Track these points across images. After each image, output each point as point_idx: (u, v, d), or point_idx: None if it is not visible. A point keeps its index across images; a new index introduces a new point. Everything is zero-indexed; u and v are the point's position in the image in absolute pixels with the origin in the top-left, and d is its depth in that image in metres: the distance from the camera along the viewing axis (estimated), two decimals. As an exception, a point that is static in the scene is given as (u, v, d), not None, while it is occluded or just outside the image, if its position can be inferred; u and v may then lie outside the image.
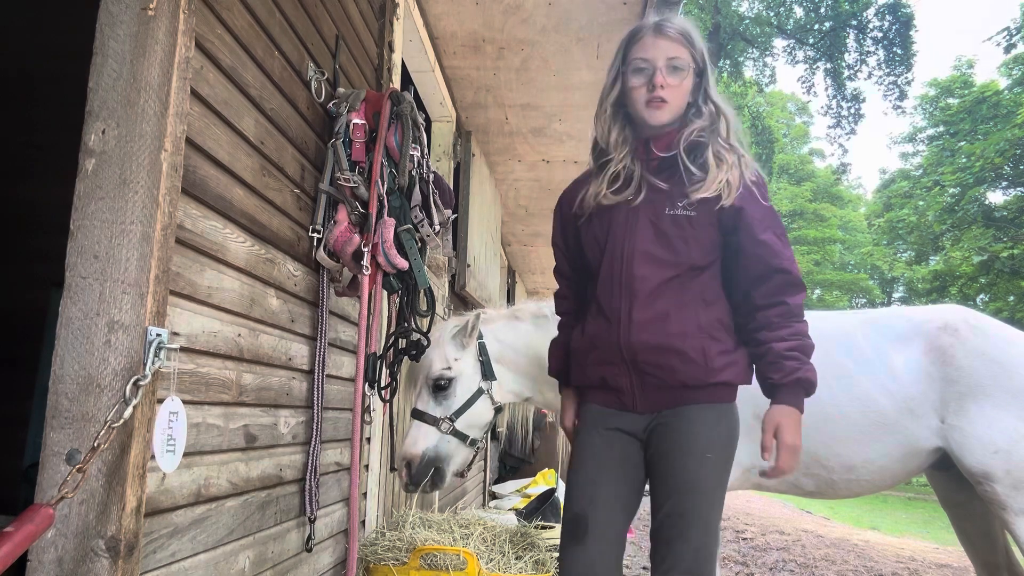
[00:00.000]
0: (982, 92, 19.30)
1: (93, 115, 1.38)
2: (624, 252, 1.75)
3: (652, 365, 1.70)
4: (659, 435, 1.73)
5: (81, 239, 1.35)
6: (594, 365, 1.78)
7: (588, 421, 1.82)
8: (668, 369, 1.70)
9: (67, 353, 1.31)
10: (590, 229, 1.82)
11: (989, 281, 18.07)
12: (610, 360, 1.74)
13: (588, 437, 1.79)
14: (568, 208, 1.91)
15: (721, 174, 1.70)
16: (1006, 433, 2.35)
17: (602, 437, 1.77)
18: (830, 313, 2.94)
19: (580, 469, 1.77)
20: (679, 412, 1.73)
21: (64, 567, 1.25)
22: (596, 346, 1.77)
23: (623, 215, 1.77)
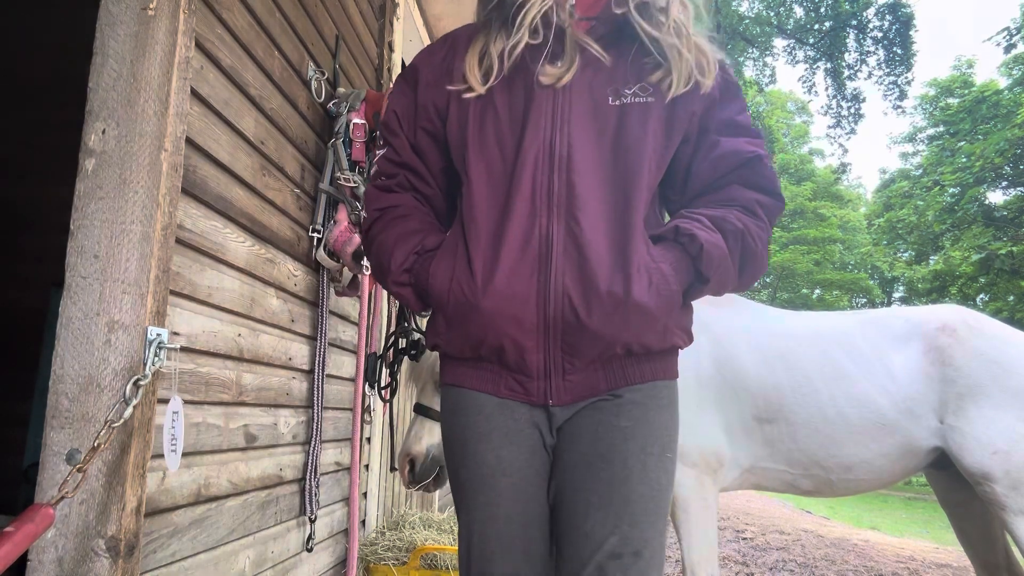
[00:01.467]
0: (982, 92, 19.29)
1: (93, 115, 1.38)
2: (558, 156, 1.12)
3: (597, 329, 1.09)
4: (590, 432, 1.13)
5: (81, 239, 1.35)
6: (481, 328, 1.10)
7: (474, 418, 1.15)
8: (620, 333, 1.10)
9: (67, 353, 1.32)
10: (486, 114, 1.16)
11: (989, 281, 18.06)
12: (519, 322, 1.09)
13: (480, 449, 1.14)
14: (432, 76, 1.22)
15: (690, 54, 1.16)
16: (1005, 434, 2.36)
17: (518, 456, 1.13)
18: (829, 313, 2.95)
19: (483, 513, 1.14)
20: (625, 396, 1.14)
21: (64, 567, 1.25)
22: (492, 298, 1.09)
23: (548, 99, 1.14)
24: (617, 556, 1.07)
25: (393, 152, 1.26)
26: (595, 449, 1.12)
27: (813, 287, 28.50)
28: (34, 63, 3.50)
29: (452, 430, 1.19)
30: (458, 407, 1.18)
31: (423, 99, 1.24)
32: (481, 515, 1.13)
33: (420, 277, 1.17)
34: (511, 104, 1.16)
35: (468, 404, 1.16)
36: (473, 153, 1.16)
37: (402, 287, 1.19)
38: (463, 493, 1.17)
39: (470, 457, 1.14)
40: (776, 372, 2.58)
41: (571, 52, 1.15)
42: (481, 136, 1.17)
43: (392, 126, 1.27)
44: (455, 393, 1.19)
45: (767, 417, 2.56)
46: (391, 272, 1.19)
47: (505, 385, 1.14)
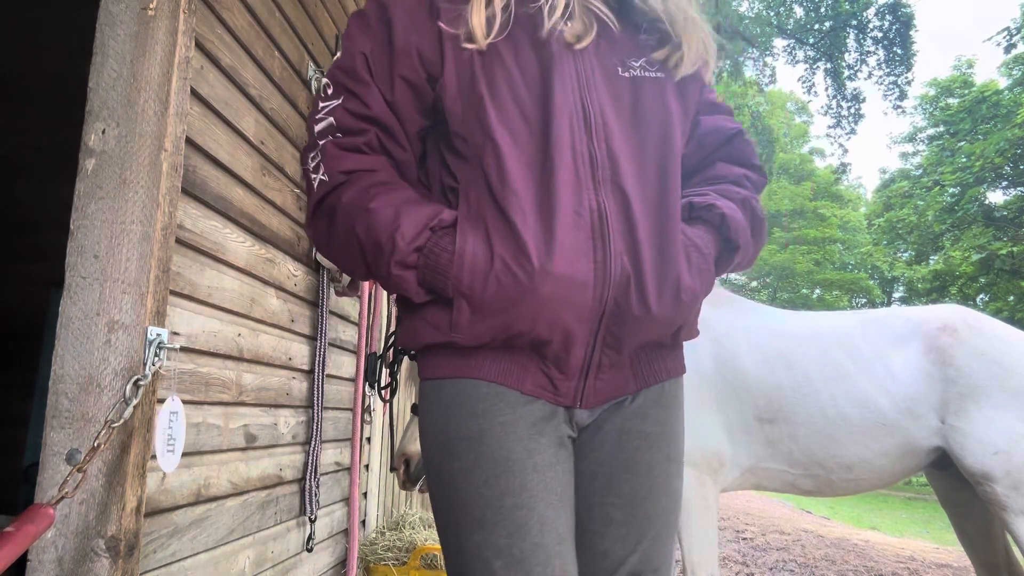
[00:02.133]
0: (982, 92, 19.29)
1: (93, 115, 1.38)
2: (593, 122, 1.00)
3: (657, 316, 0.97)
4: (613, 438, 1.02)
5: (81, 239, 1.35)
6: (531, 316, 0.92)
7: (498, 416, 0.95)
8: (674, 320, 1.01)
9: (67, 353, 1.32)
10: (495, 68, 0.99)
11: (989, 281, 18.06)
12: (577, 310, 0.93)
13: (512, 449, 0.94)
14: (410, 16, 1.01)
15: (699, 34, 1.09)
16: (1006, 434, 2.36)
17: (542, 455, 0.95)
18: (829, 313, 2.95)
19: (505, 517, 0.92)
20: (646, 395, 1.05)
21: (64, 567, 1.25)
22: (551, 282, 0.91)
23: (569, 59, 1.02)
24: (636, 575, 1.00)
25: (360, 104, 0.99)
26: (617, 458, 1.01)
27: (813, 287, 28.50)
28: (34, 63, 3.50)
29: (458, 425, 0.94)
30: (466, 399, 0.95)
31: (403, 41, 0.99)
32: (507, 526, 0.89)
33: (438, 258, 0.93)
34: (521, 62, 1.00)
35: (483, 394, 0.95)
36: (495, 112, 0.96)
37: (406, 270, 0.94)
38: (472, 505, 0.91)
39: (489, 454, 0.92)
40: (777, 372, 2.58)
41: (583, 13, 1.03)
42: (496, 94, 0.97)
43: (359, 72, 0.99)
44: (460, 385, 0.96)
45: (768, 417, 2.56)
46: (396, 251, 0.92)
47: (532, 381, 0.96)
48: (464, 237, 0.94)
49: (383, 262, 0.94)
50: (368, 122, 0.99)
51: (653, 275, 0.96)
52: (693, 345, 2.70)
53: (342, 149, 0.98)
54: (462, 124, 0.99)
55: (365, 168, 0.98)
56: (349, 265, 1.01)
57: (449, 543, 0.95)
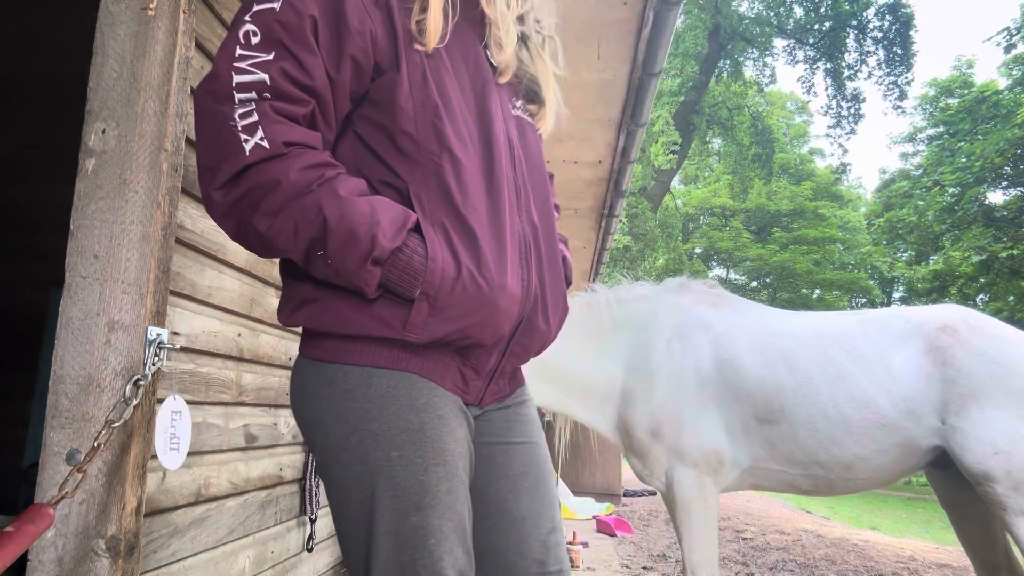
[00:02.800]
0: (982, 92, 19.29)
1: (93, 115, 1.38)
2: (516, 152, 1.09)
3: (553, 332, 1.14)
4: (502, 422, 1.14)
5: (81, 239, 1.35)
6: (482, 324, 1.00)
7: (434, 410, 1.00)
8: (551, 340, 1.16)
9: (67, 353, 1.32)
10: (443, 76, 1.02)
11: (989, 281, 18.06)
12: (509, 322, 1.03)
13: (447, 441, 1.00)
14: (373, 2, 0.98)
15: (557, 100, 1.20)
16: (1006, 434, 2.35)
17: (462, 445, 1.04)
18: (829, 313, 2.94)
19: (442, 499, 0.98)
20: (521, 392, 1.20)
21: (64, 567, 1.25)
22: (504, 295, 1.00)
23: (494, 86, 1.10)
24: (554, 530, 1.12)
25: (302, 72, 0.92)
26: (509, 437, 1.13)
27: (813, 287, 28.48)
28: (34, 63, 3.50)
29: (397, 416, 0.97)
30: (407, 391, 0.98)
31: (357, 21, 0.95)
32: (441, 508, 0.96)
33: (410, 260, 0.93)
34: (459, 76, 1.03)
35: (421, 388, 0.99)
36: (450, 124, 0.98)
37: (375, 266, 0.92)
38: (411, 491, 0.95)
39: (429, 445, 0.97)
40: (777, 372, 2.58)
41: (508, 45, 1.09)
42: (447, 104, 0.99)
43: (307, 37, 0.93)
44: (398, 377, 0.98)
45: (767, 417, 2.56)
46: (375, 246, 0.91)
47: (451, 379, 1.02)
48: (433, 243, 0.95)
49: (354, 254, 0.91)
50: (309, 93, 0.94)
51: (552, 296, 1.10)
52: (693, 345, 2.71)
53: (282, 116, 0.91)
54: (413, 125, 0.98)
55: (307, 143, 0.93)
56: (287, 243, 0.92)
57: (367, 525, 0.96)
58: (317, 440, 1.01)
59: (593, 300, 2.89)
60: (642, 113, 3.79)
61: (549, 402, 2.85)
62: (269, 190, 0.90)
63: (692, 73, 18.22)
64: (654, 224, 16.67)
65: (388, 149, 0.99)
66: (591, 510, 7.65)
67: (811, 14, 18.68)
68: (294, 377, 1.05)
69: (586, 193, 5.21)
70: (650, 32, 3.05)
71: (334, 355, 0.98)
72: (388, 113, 0.98)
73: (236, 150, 0.89)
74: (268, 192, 0.90)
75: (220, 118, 0.90)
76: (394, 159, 0.99)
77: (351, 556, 0.98)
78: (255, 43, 0.92)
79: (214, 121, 0.90)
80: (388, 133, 0.99)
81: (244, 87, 0.90)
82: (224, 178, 0.90)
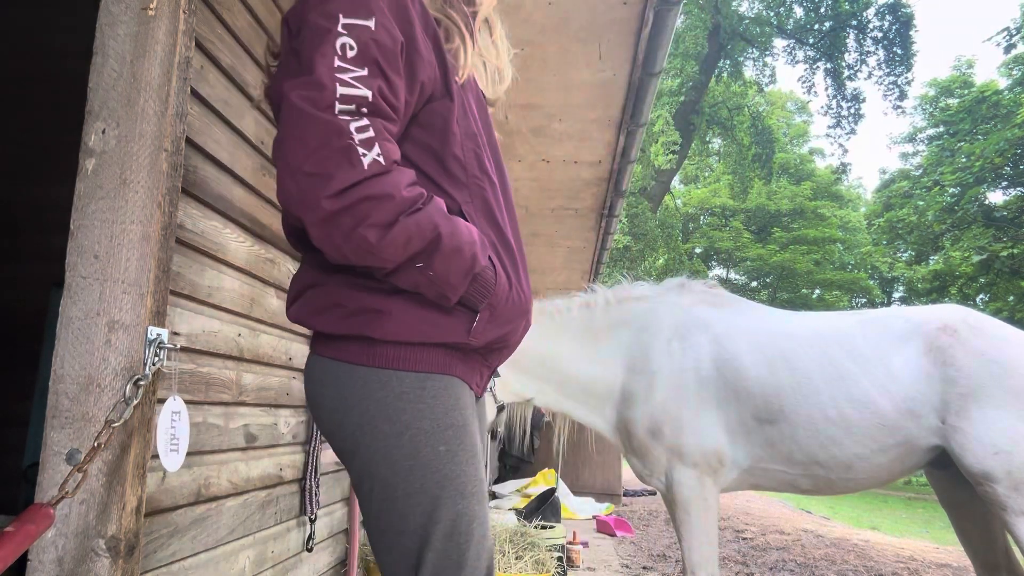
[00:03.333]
0: (982, 92, 19.29)
1: (93, 115, 1.38)
2: (504, 177, 1.22)
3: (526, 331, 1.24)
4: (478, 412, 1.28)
5: (81, 239, 1.35)
6: (516, 330, 1.15)
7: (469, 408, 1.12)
8: None
9: (67, 353, 1.32)
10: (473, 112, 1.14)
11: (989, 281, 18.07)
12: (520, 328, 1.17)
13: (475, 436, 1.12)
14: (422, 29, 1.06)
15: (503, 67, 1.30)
16: (1007, 434, 2.35)
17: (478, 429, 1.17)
18: (829, 313, 2.94)
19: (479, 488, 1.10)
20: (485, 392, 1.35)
21: (64, 567, 1.25)
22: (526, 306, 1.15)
23: (490, 120, 1.24)
24: None
25: (393, 94, 0.98)
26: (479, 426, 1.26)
27: (813, 287, 28.48)
28: (34, 63, 3.50)
29: (446, 414, 1.05)
30: (453, 392, 1.07)
31: (424, 49, 1.03)
32: (479, 496, 1.07)
33: (485, 275, 1.05)
34: (469, 108, 1.12)
35: (462, 388, 1.10)
36: (487, 152, 1.12)
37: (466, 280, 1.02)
38: (457, 480, 1.04)
39: (468, 439, 1.07)
40: (777, 372, 2.58)
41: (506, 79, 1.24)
42: (483, 133, 1.13)
43: (397, 59, 0.98)
44: (447, 381, 1.07)
45: (767, 417, 2.56)
46: (476, 263, 1.02)
47: (475, 380, 1.14)
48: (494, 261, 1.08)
49: (458, 268, 1.01)
50: (396, 113, 1.00)
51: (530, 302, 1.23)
52: (693, 345, 2.71)
53: (390, 135, 0.97)
54: (461, 150, 1.07)
55: (400, 162, 1.00)
56: (395, 253, 0.97)
57: (416, 518, 1.02)
58: (363, 441, 1.04)
59: (593, 300, 2.89)
60: (642, 113, 3.79)
61: (548, 402, 2.86)
62: (382, 203, 0.94)
63: (692, 73, 18.22)
64: (654, 224, 16.67)
65: (437, 170, 1.07)
66: (591, 510, 7.65)
67: (811, 14, 18.68)
68: (329, 383, 1.07)
69: (586, 193, 5.21)
70: (650, 32, 3.06)
71: (389, 361, 1.03)
72: (440, 137, 1.06)
73: (354, 162, 0.92)
74: (380, 205, 0.94)
75: (334, 129, 0.92)
76: (444, 180, 1.07)
77: (397, 550, 1.04)
78: (351, 57, 0.95)
79: (325, 130, 0.92)
80: (437, 155, 1.07)
81: (347, 99, 0.94)
82: (339, 187, 0.92)
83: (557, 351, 2.78)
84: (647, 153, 16.20)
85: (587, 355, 2.79)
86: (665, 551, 5.67)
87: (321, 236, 0.96)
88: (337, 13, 0.96)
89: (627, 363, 2.75)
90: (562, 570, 4.27)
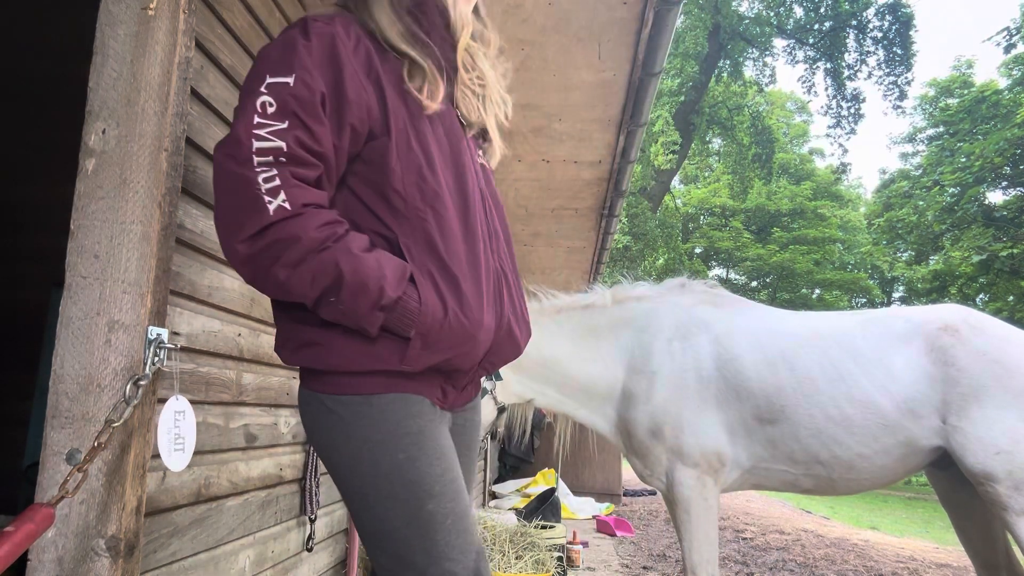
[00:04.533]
0: (981, 92, 19.29)
1: (93, 115, 1.38)
2: (489, 200, 1.27)
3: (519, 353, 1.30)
4: (460, 427, 1.34)
5: (81, 239, 1.35)
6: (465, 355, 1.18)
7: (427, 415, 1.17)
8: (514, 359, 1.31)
9: (67, 353, 1.31)
10: (427, 137, 1.17)
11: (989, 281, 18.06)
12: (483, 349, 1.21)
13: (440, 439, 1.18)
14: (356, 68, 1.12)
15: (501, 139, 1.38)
16: (1008, 434, 2.35)
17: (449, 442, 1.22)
18: (830, 313, 2.94)
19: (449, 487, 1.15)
20: (478, 399, 1.40)
21: (64, 567, 1.25)
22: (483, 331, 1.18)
23: (466, 139, 1.26)
24: None
25: (314, 141, 1.06)
26: (463, 440, 1.33)
27: (813, 287, 28.48)
28: (34, 63, 3.50)
29: (398, 425, 1.12)
30: (404, 405, 1.13)
31: (354, 93, 1.09)
32: (450, 493, 1.13)
33: (407, 305, 1.08)
34: (437, 135, 1.18)
35: (417, 402, 1.15)
36: (432, 182, 1.14)
37: (380, 312, 1.07)
38: (422, 482, 1.11)
39: (429, 444, 1.13)
40: (777, 372, 2.58)
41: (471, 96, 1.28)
42: (431, 164, 1.15)
43: (317, 110, 1.06)
44: (396, 397, 1.13)
45: (768, 417, 2.56)
46: (383, 295, 1.06)
47: (437, 394, 1.20)
48: (424, 289, 1.11)
49: (365, 302, 1.06)
50: (319, 159, 1.08)
51: (519, 320, 1.26)
52: (693, 345, 2.71)
53: (300, 180, 1.05)
54: (402, 184, 1.12)
55: (318, 203, 1.07)
56: (304, 290, 1.06)
57: (391, 520, 1.11)
58: (333, 460, 1.15)
59: (593, 300, 2.88)
60: (642, 113, 3.79)
61: (549, 402, 2.85)
62: (289, 245, 1.03)
63: (692, 73, 18.22)
64: (654, 224, 16.67)
65: (379, 204, 1.14)
66: (591, 510, 7.65)
67: (811, 14, 18.68)
68: (302, 409, 1.19)
69: (586, 193, 5.21)
70: (650, 32, 3.06)
71: (337, 388, 1.12)
72: (380, 173, 1.12)
73: (260, 209, 1.02)
74: (288, 247, 1.03)
75: (243, 180, 1.02)
76: (385, 213, 1.13)
77: (384, 554, 1.13)
78: (271, 112, 1.04)
79: (236, 182, 1.02)
80: (379, 190, 1.13)
81: (263, 152, 1.03)
82: (248, 233, 1.03)
83: (557, 352, 2.78)
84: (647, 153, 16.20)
85: (587, 356, 2.79)
86: (665, 551, 5.67)
87: (245, 276, 1.09)
88: (264, 73, 1.06)
89: (628, 363, 2.75)
90: (562, 570, 4.27)
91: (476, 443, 1.40)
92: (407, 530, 1.10)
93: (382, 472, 1.10)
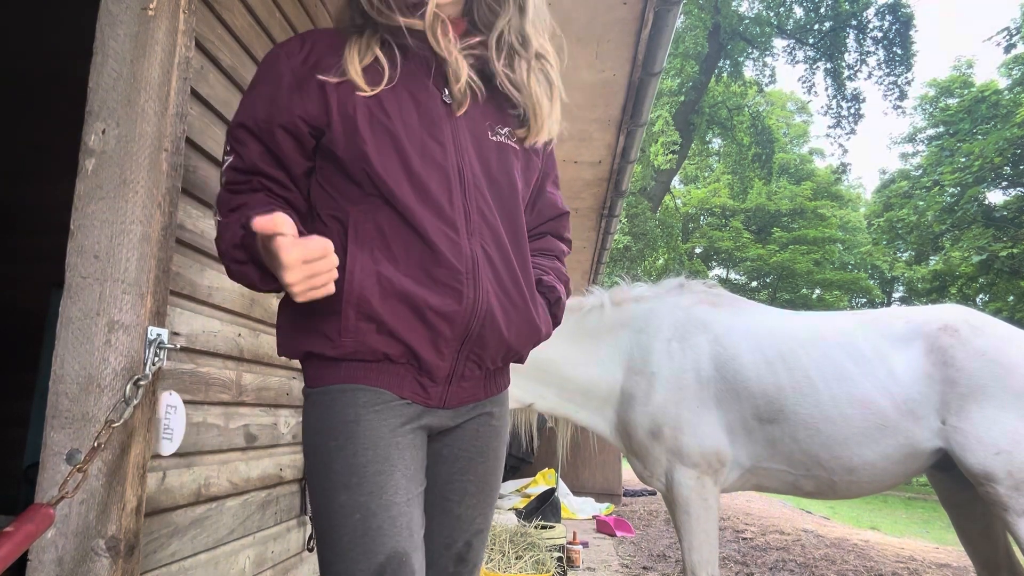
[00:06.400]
0: (981, 92, 19.29)
1: (93, 115, 1.38)
2: (469, 182, 1.19)
3: (510, 344, 1.22)
4: (471, 430, 1.27)
5: (81, 239, 1.35)
6: (416, 334, 1.14)
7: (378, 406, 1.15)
8: (521, 348, 1.26)
9: (67, 353, 1.31)
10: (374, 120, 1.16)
11: (989, 281, 18.06)
12: (451, 333, 1.15)
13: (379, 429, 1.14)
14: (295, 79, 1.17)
15: (554, 109, 1.31)
16: (1008, 434, 2.35)
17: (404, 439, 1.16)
18: (829, 314, 2.94)
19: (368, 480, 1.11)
20: (498, 400, 1.31)
21: (64, 567, 1.25)
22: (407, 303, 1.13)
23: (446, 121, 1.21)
24: (480, 532, 1.29)
25: (239, 159, 1.17)
26: (475, 445, 1.27)
27: (813, 287, 28.46)
28: (34, 63, 3.50)
29: (341, 413, 1.12)
30: (351, 396, 1.13)
31: (287, 101, 1.16)
32: (368, 487, 1.09)
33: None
34: (405, 116, 1.17)
35: (365, 391, 1.14)
36: (380, 166, 1.14)
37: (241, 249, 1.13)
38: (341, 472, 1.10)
39: (361, 433, 1.11)
40: (777, 372, 2.58)
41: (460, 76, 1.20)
42: (382, 148, 1.15)
43: (241, 136, 1.18)
44: (347, 388, 1.14)
45: (768, 417, 2.56)
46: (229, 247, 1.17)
47: (409, 389, 1.16)
48: (355, 261, 1.12)
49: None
50: (248, 173, 1.17)
51: (507, 312, 1.20)
52: (692, 345, 2.71)
53: (231, 192, 1.17)
54: (350, 172, 1.16)
55: (243, 204, 1.15)
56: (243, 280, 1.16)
57: (318, 507, 1.13)
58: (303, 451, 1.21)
59: (592, 301, 2.88)
60: (642, 113, 3.79)
61: (549, 406, 2.85)
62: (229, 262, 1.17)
63: (692, 73, 18.22)
64: (654, 224, 16.67)
65: (336, 190, 1.19)
66: (591, 510, 7.65)
67: (811, 14, 18.68)
68: None
69: (586, 193, 5.21)
70: (650, 32, 3.05)
71: (308, 381, 1.18)
72: (332, 163, 1.18)
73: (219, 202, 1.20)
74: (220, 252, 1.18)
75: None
76: (340, 197, 1.18)
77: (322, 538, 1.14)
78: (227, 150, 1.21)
79: None
80: (334, 179, 1.18)
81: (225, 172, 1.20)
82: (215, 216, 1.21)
83: (556, 354, 2.77)
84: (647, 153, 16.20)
85: (586, 357, 2.79)
86: (665, 551, 5.67)
87: None
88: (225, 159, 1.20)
89: (626, 364, 2.75)
90: (562, 570, 4.27)
91: (493, 450, 1.30)
92: (321, 521, 1.12)
93: (320, 460, 1.13)
